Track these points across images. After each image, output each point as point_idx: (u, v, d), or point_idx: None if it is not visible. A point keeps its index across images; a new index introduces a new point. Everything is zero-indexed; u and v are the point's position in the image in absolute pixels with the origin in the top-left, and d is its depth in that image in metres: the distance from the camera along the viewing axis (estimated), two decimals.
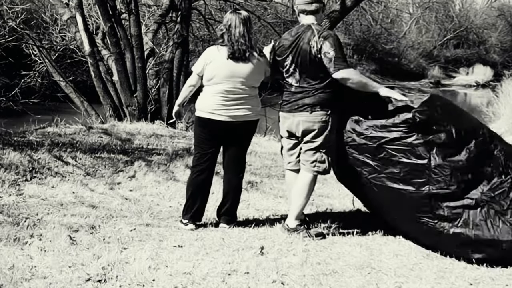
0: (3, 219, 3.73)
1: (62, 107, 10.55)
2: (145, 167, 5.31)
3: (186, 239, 3.56)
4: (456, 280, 3.10)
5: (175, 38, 9.45)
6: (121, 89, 8.69)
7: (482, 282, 3.10)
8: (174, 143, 6.79)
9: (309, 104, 3.55)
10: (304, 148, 3.66)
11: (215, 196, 4.59)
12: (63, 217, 3.86)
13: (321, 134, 3.57)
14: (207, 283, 2.92)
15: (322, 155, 3.60)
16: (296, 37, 3.59)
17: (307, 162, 3.63)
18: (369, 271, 3.18)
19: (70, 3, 9.35)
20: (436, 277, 3.14)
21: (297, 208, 3.67)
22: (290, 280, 3.00)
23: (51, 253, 3.21)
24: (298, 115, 3.60)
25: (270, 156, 6.34)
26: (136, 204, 4.34)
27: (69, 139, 6.29)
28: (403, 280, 3.08)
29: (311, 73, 3.54)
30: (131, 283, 2.88)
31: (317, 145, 3.59)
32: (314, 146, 3.60)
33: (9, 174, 4.66)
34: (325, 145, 3.59)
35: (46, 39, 11.26)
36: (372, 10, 24.28)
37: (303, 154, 3.67)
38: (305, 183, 3.64)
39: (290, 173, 3.82)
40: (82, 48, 9.08)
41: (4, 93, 9.60)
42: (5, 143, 5.63)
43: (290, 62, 3.60)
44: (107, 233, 3.61)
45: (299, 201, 3.65)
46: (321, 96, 3.54)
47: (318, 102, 3.54)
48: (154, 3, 11.53)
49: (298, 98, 3.59)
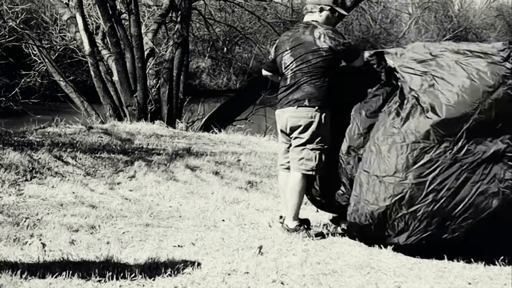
0: (3, 219, 3.73)
1: (62, 107, 10.56)
2: (145, 167, 5.31)
3: (186, 239, 3.57)
4: (455, 280, 3.11)
5: (175, 38, 9.46)
6: (121, 89, 8.70)
7: (481, 281, 3.11)
8: (174, 143, 6.80)
9: (296, 99, 3.54)
10: (292, 145, 3.63)
11: (215, 196, 4.61)
12: (63, 217, 3.86)
13: (306, 130, 3.53)
14: (207, 283, 2.92)
15: (309, 152, 3.54)
16: (296, 32, 3.63)
17: (294, 160, 3.59)
18: (369, 271, 3.18)
19: (70, 3, 9.36)
20: (435, 277, 3.14)
21: (293, 208, 3.64)
22: (290, 280, 3.00)
23: (51, 253, 3.21)
24: (286, 111, 3.59)
25: (270, 156, 6.34)
26: (136, 204, 4.34)
27: (69, 139, 6.30)
28: (402, 279, 3.08)
29: (310, 66, 3.52)
30: (131, 283, 2.88)
31: (304, 141, 3.54)
32: (301, 143, 3.55)
33: (9, 174, 4.67)
34: (313, 142, 3.53)
35: (46, 39, 11.26)
36: (371, 10, 24.27)
37: (291, 151, 3.64)
38: (295, 182, 3.60)
39: (283, 173, 3.79)
40: (82, 48, 9.09)
41: (4, 93, 9.60)
42: (5, 143, 5.64)
43: (289, 56, 3.60)
44: (107, 233, 3.62)
45: (293, 200, 3.62)
46: (310, 91, 3.52)
47: (305, 96, 3.51)
48: (154, 3, 11.53)
49: (289, 93, 3.58)
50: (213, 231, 3.77)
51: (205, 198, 4.57)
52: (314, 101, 3.52)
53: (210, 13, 13.21)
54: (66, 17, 9.26)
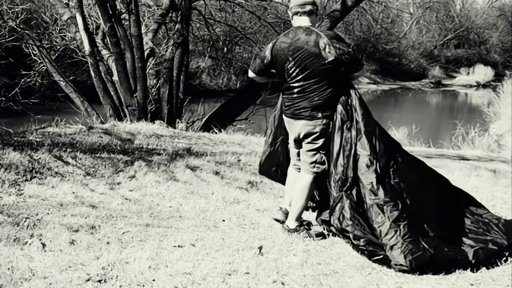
0: (3, 219, 3.72)
1: (62, 107, 10.56)
2: (145, 167, 5.31)
3: (186, 239, 3.56)
4: (457, 281, 3.10)
5: (175, 38, 9.46)
6: (121, 89, 8.69)
7: (483, 282, 3.10)
8: (174, 143, 6.79)
9: (309, 108, 3.55)
10: (304, 149, 3.66)
11: (215, 196, 4.59)
12: (63, 217, 3.86)
13: (322, 137, 3.59)
14: (207, 283, 2.91)
15: (322, 156, 3.62)
16: (296, 40, 3.53)
17: (307, 163, 3.65)
18: (370, 271, 3.17)
19: (70, 3, 9.36)
20: (437, 278, 3.13)
21: (298, 209, 3.67)
22: (291, 281, 2.99)
23: (51, 253, 3.20)
24: (300, 120, 3.61)
25: None
26: (136, 204, 4.33)
27: (69, 139, 6.29)
28: (403, 280, 3.08)
29: (316, 77, 3.50)
30: (131, 283, 2.87)
31: (318, 146, 3.61)
32: (315, 147, 3.61)
33: (9, 174, 4.66)
34: (324, 147, 3.61)
35: (46, 39, 11.27)
36: (372, 10, 24.28)
37: (303, 155, 3.68)
38: (305, 184, 3.64)
39: (295, 172, 3.83)
40: (82, 48, 9.09)
41: (4, 93, 9.59)
42: (5, 143, 5.63)
43: (293, 65, 3.54)
44: (107, 233, 3.61)
45: (300, 202, 3.66)
46: (323, 100, 3.53)
47: (319, 105, 3.53)
48: (154, 3, 11.53)
49: (300, 102, 3.58)
50: (213, 231, 3.76)
51: (205, 198, 4.56)
52: (326, 111, 3.55)
53: (210, 13, 13.21)
54: (66, 17, 9.25)
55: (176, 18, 9.74)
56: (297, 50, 3.52)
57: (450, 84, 34.05)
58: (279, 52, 3.61)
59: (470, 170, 6.20)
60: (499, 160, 7.65)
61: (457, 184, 5.51)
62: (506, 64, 38.90)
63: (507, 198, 4.95)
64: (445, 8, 39.32)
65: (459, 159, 7.42)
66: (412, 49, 36.10)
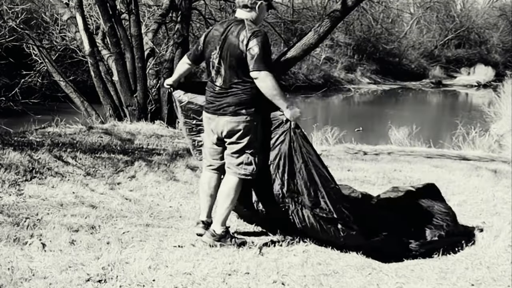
0: (3, 219, 3.72)
1: (62, 107, 10.56)
2: (146, 167, 5.30)
3: (186, 239, 3.55)
4: (457, 281, 3.09)
5: (175, 38, 9.45)
6: (121, 89, 8.69)
7: (483, 283, 3.09)
8: (174, 143, 6.79)
9: (232, 105, 3.38)
10: (229, 150, 3.45)
11: None
12: (63, 217, 3.85)
13: (246, 135, 3.39)
14: (207, 283, 2.91)
15: (248, 156, 3.41)
16: (226, 28, 3.42)
17: (232, 165, 3.44)
18: (370, 272, 3.17)
19: (70, 3, 9.36)
20: (438, 278, 3.12)
21: (224, 213, 3.46)
22: (291, 281, 2.98)
23: (51, 253, 3.20)
24: (222, 116, 3.42)
25: None
26: (136, 204, 4.33)
27: (69, 139, 6.29)
28: (404, 280, 3.07)
29: (236, 69, 3.35)
30: (131, 283, 2.87)
31: (242, 146, 3.41)
32: (240, 148, 3.40)
33: (9, 174, 4.65)
34: (251, 146, 3.42)
35: (46, 39, 11.27)
36: (372, 10, 24.26)
37: (228, 157, 3.46)
38: (231, 187, 3.42)
39: (208, 174, 3.63)
40: (82, 48, 9.09)
41: (4, 93, 9.59)
42: (5, 143, 5.63)
43: (218, 56, 3.41)
44: (107, 233, 3.61)
45: (225, 205, 3.44)
46: (246, 96, 3.37)
47: (242, 102, 3.37)
48: (154, 3, 11.54)
49: (222, 98, 3.41)
50: None
51: None
52: (250, 107, 3.38)
53: (211, 13, 13.19)
54: (66, 17, 9.25)
55: (176, 18, 9.73)
56: (224, 39, 3.39)
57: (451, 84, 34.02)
58: (210, 39, 3.49)
59: (471, 170, 6.19)
60: (499, 160, 7.65)
61: (458, 184, 5.53)
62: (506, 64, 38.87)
63: (508, 198, 4.95)
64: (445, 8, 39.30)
65: (460, 159, 7.41)
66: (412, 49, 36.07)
